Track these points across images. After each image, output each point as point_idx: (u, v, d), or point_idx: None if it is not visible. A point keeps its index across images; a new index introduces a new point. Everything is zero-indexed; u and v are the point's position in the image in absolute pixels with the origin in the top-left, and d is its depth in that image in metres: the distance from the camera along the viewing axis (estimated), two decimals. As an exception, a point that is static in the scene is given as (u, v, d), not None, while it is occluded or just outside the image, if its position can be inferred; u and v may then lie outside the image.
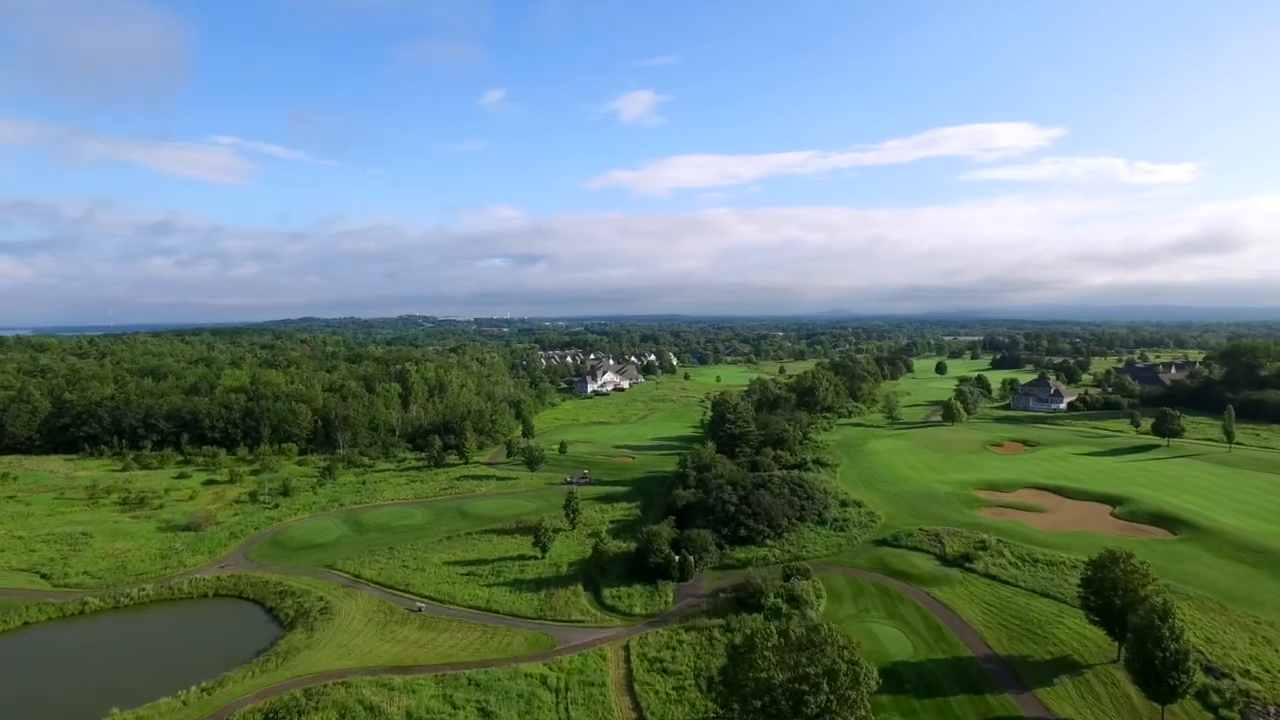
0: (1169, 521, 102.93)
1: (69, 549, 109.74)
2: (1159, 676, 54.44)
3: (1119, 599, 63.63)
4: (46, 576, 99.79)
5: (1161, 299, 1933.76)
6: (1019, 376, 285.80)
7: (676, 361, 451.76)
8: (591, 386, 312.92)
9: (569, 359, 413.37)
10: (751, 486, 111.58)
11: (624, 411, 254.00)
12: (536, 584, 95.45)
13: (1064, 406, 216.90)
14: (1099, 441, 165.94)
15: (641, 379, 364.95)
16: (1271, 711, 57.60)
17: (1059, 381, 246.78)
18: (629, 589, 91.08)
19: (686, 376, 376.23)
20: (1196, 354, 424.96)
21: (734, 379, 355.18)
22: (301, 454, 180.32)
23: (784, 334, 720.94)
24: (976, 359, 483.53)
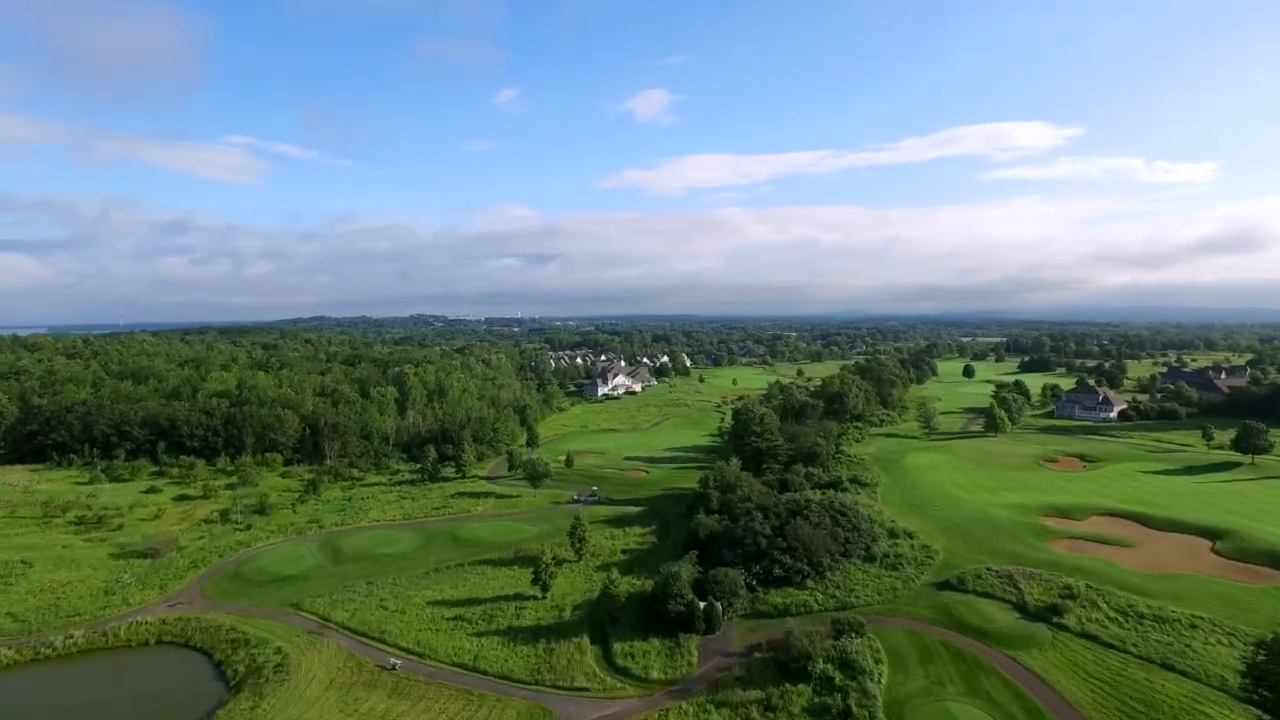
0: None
1: (0, 582, 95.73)
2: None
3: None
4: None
5: (1178, 299, 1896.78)
6: (1058, 382, 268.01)
7: (690, 363, 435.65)
8: (602, 390, 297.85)
9: (579, 360, 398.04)
10: (786, 514, 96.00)
11: (636, 417, 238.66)
12: (535, 633, 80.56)
13: (1114, 415, 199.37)
14: (1166, 457, 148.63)
15: (654, 381, 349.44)
16: None
17: (1104, 387, 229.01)
18: (644, 644, 75.92)
19: (701, 379, 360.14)
20: (1237, 357, 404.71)
21: (750, 382, 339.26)
22: (287, 464, 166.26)
23: (798, 334, 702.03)
24: (1001, 361, 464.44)
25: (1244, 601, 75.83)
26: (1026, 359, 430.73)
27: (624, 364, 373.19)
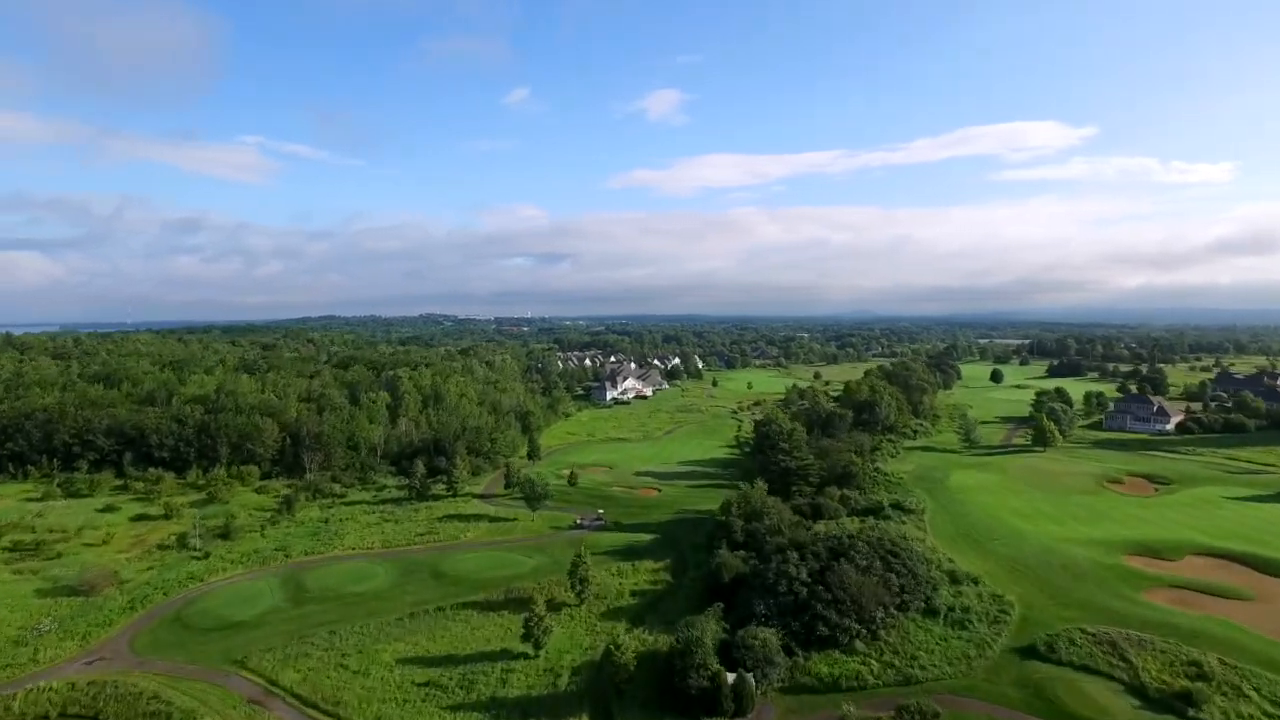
0: None
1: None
2: None
3: None
4: None
5: (1194, 300, 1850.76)
6: (1099, 389, 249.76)
7: (702, 365, 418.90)
8: (611, 394, 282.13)
9: (588, 361, 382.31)
10: (827, 554, 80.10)
11: (647, 425, 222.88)
12: (523, 708, 65.28)
13: (1170, 427, 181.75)
14: (1252, 480, 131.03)
15: (665, 385, 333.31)
16: None
17: (1157, 396, 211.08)
18: (659, 732, 60.30)
19: (714, 383, 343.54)
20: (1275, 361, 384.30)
21: (766, 385, 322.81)
22: (264, 478, 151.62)
23: (810, 335, 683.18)
24: (1026, 364, 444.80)
25: None
26: (1055, 363, 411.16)
27: (634, 366, 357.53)
